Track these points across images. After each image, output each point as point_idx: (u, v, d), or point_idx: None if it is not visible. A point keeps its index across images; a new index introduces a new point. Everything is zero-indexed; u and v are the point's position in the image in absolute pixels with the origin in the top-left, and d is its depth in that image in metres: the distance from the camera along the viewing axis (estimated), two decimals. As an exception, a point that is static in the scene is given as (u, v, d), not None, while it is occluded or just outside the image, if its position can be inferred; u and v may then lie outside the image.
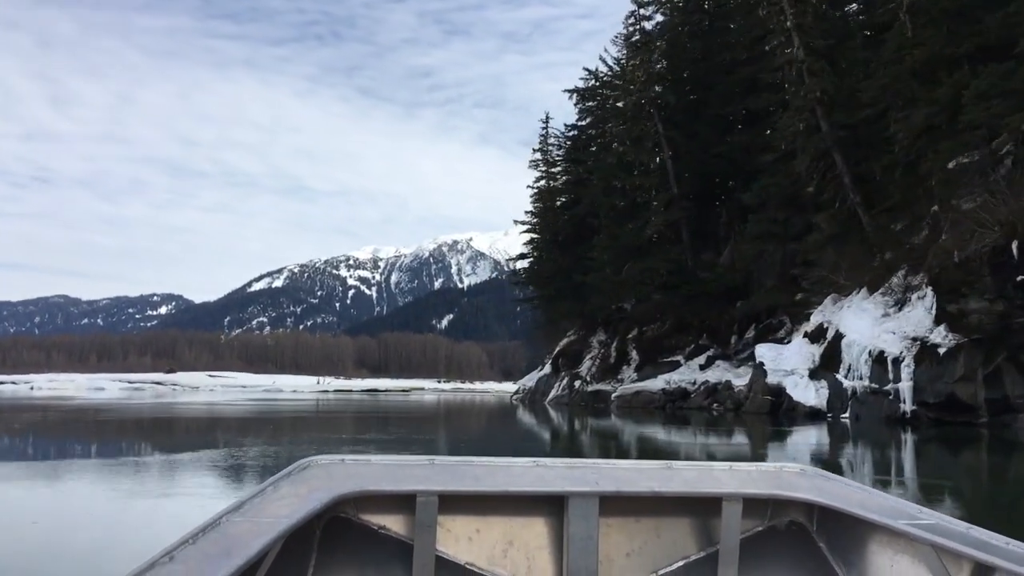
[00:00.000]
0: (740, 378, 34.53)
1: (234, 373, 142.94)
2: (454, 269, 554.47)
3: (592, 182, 43.94)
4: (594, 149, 46.87)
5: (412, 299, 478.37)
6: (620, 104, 42.10)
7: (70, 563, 5.21)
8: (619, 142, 40.45)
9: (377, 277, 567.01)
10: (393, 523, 2.39)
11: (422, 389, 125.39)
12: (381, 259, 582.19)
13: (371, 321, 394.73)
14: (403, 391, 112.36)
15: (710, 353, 37.22)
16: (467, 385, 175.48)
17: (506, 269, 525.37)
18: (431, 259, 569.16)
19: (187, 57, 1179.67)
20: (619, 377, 41.70)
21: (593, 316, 45.03)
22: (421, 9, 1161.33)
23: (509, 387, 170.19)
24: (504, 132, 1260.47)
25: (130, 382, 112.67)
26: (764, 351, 30.47)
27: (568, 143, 48.83)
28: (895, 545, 2.36)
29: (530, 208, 58.42)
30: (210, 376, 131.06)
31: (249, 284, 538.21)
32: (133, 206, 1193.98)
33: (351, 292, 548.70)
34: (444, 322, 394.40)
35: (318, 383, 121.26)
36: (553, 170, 58.06)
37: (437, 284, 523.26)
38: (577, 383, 43.05)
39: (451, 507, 2.41)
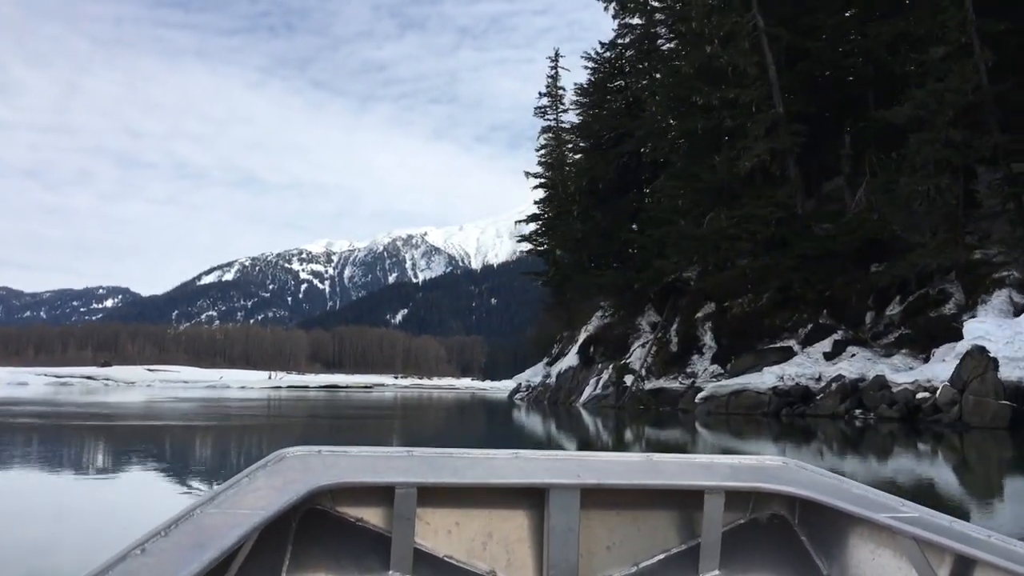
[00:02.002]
0: (898, 371, 23.15)
1: (177, 367, 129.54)
2: (408, 264, 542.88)
3: (644, 114, 32.32)
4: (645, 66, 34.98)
5: (366, 293, 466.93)
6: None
7: None
8: (687, 43, 28.53)
9: (330, 271, 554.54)
10: (371, 515, 2.28)
11: (383, 385, 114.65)
12: (334, 253, 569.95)
13: (324, 316, 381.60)
14: (365, 387, 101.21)
15: (837, 337, 25.78)
16: (426, 381, 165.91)
17: (461, 264, 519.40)
18: (385, 253, 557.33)
19: (136, 46, 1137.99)
20: (688, 370, 30.09)
21: (641, 290, 33.36)
22: (376, 2, 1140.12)
23: (469, 383, 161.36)
24: (459, 128, 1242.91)
25: (57, 376, 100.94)
26: (987, 328, 19.04)
27: (605, 67, 36.85)
28: (877, 538, 2.27)
29: (541, 161, 46.95)
30: (149, 370, 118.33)
31: (198, 277, 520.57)
32: (79, 197, 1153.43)
33: (303, 286, 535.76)
34: (399, 317, 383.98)
35: (269, 378, 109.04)
36: (565, 116, 46.73)
37: (391, 279, 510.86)
38: (628, 379, 31.28)
39: (430, 499, 2.29)
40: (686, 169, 28.12)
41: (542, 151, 47.35)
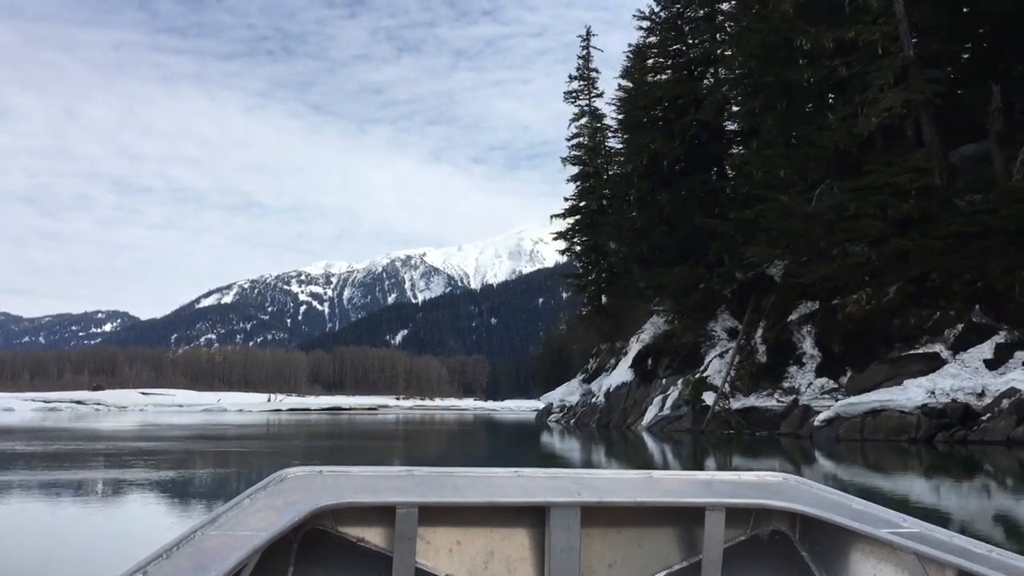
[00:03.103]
0: (1105, 383, 17.14)
1: (173, 390, 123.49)
2: (408, 284, 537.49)
3: (716, 76, 26.36)
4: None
5: (365, 315, 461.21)
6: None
7: None
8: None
9: (329, 293, 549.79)
10: (372, 535, 2.26)
11: (387, 407, 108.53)
12: (333, 274, 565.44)
13: (323, 337, 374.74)
14: (370, 409, 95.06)
15: (1000, 339, 19.73)
16: (428, 402, 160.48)
17: (460, 284, 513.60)
18: (384, 274, 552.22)
19: (133, 72, 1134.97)
20: (785, 385, 24.03)
21: (711, 290, 27.32)
22: (373, 26, 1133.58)
23: (473, 403, 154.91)
24: (456, 149, 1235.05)
25: (46, 402, 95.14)
26: None
27: (663, 26, 30.76)
28: (878, 554, 2.25)
29: (573, 154, 41.29)
30: (143, 394, 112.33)
31: (197, 300, 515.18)
32: (78, 222, 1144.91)
33: (303, 308, 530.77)
34: (398, 337, 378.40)
35: (269, 401, 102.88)
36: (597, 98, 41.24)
37: (391, 299, 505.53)
38: (708, 396, 25.19)
39: (431, 519, 2.28)
40: (786, 133, 22.19)
41: (574, 140, 41.57)
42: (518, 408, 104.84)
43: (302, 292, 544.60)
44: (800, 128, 21.89)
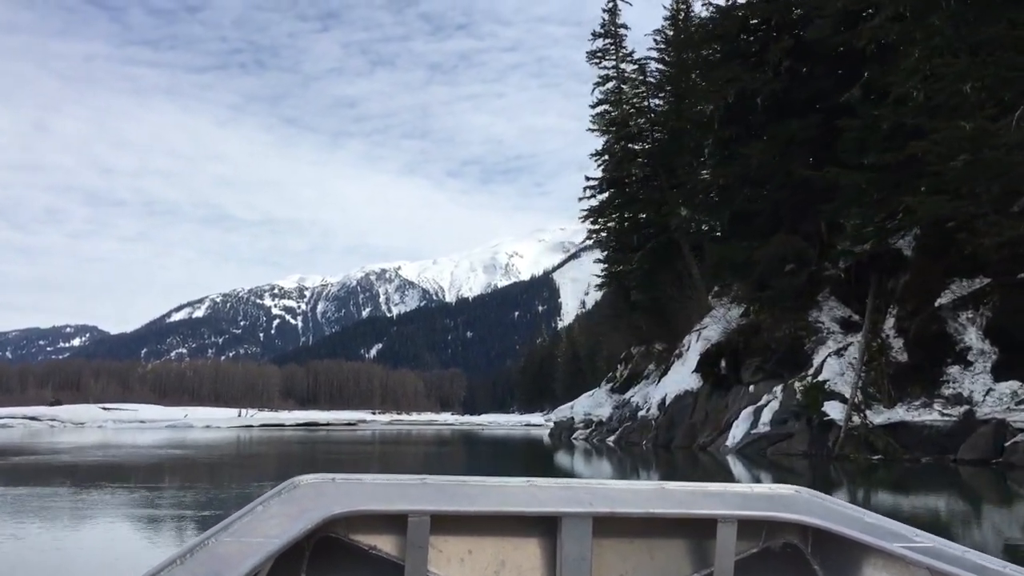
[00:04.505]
0: None
1: (137, 405, 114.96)
2: (382, 298, 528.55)
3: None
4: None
5: (339, 328, 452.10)
6: None
7: None
8: None
9: (303, 306, 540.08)
10: (384, 543, 2.23)
11: (364, 422, 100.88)
12: (307, 288, 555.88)
13: (297, 351, 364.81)
14: (348, 424, 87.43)
15: None
16: (406, 416, 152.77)
17: (435, 298, 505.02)
18: (359, 288, 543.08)
19: (105, 84, 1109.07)
20: (945, 392, 17.26)
21: (811, 272, 20.55)
22: (346, 39, 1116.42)
23: (448, 417, 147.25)
24: (431, 163, 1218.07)
25: None
26: None
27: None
28: (890, 568, 2.20)
29: (596, 123, 34.73)
30: (104, 409, 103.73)
31: (168, 315, 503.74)
32: (48, 236, 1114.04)
33: (276, 322, 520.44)
34: (373, 351, 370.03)
35: (239, 416, 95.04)
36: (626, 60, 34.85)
37: (365, 313, 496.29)
38: (833, 408, 18.28)
39: (443, 527, 2.24)
40: (965, 37, 15.51)
41: (599, 108, 34.85)
42: (507, 423, 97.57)
43: (275, 306, 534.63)
44: (987, 28, 15.20)
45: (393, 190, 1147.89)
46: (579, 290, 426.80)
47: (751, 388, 21.53)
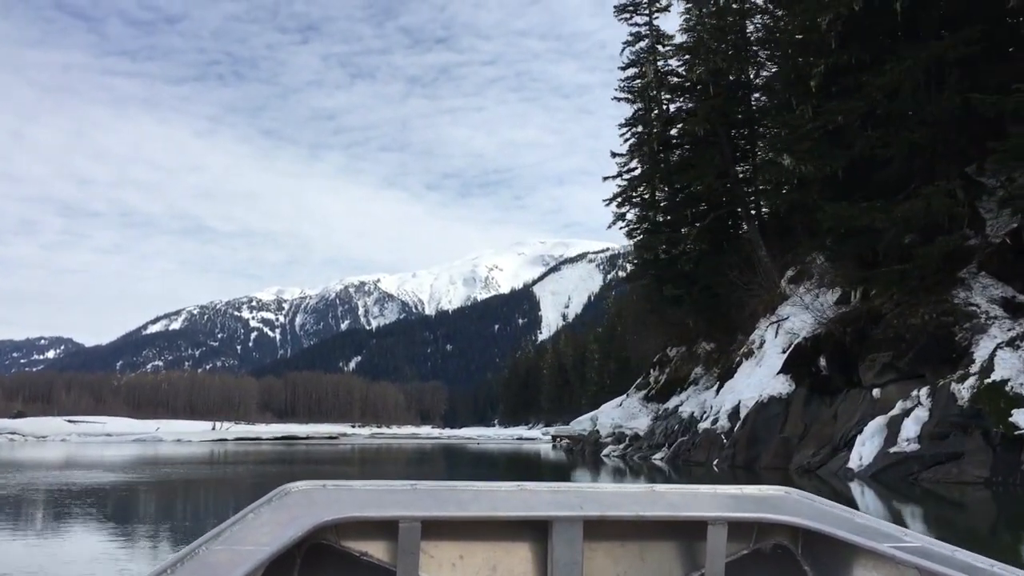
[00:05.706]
0: None
1: (105, 418, 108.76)
2: (361, 311, 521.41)
3: None
4: None
5: (318, 341, 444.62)
6: None
7: None
8: None
9: (281, 319, 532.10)
10: (375, 549, 2.20)
11: (345, 435, 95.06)
12: (285, 300, 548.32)
13: (275, 364, 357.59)
14: (329, 437, 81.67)
15: None
16: (386, 430, 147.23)
17: (414, 311, 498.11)
18: (337, 300, 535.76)
19: (82, 94, 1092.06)
20: None
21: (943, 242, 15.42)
22: (326, 52, 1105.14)
23: (430, 431, 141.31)
24: (410, 175, 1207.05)
25: None
26: None
27: None
28: (880, 568, 2.18)
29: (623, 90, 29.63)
30: (69, 422, 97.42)
31: (144, 327, 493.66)
32: (22, 247, 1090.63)
33: (253, 334, 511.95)
34: (352, 364, 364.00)
35: (214, 429, 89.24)
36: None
37: (344, 326, 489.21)
38: (1020, 415, 13.10)
39: (434, 533, 2.22)
40: None
41: (630, 71, 29.76)
42: (497, 437, 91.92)
43: (253, 318, 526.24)
44: None
45: (372, 203, 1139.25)
46: (559, 303, 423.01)
47: (875, 392, 16.33)
